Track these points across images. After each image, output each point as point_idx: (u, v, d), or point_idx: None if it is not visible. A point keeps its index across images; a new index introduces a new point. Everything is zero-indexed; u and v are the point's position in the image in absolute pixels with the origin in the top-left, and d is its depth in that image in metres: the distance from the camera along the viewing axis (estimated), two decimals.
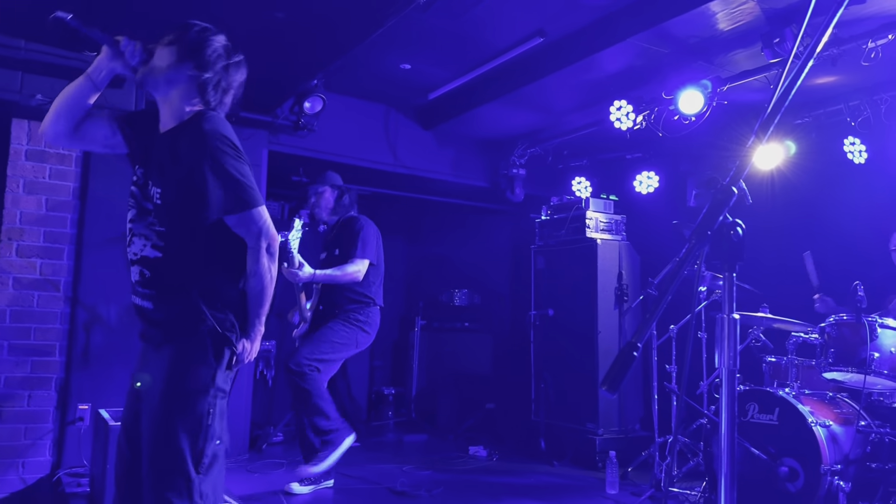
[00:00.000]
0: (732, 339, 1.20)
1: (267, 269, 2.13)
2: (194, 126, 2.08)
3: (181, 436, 2.02)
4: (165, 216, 2.10)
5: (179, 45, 2.13)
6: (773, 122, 1.34)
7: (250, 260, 2.13)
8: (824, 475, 3.39)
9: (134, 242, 2.15)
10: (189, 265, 2.10)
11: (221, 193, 2.04)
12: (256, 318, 2.16)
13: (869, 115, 4.53)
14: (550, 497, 4.35)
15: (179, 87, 2.15)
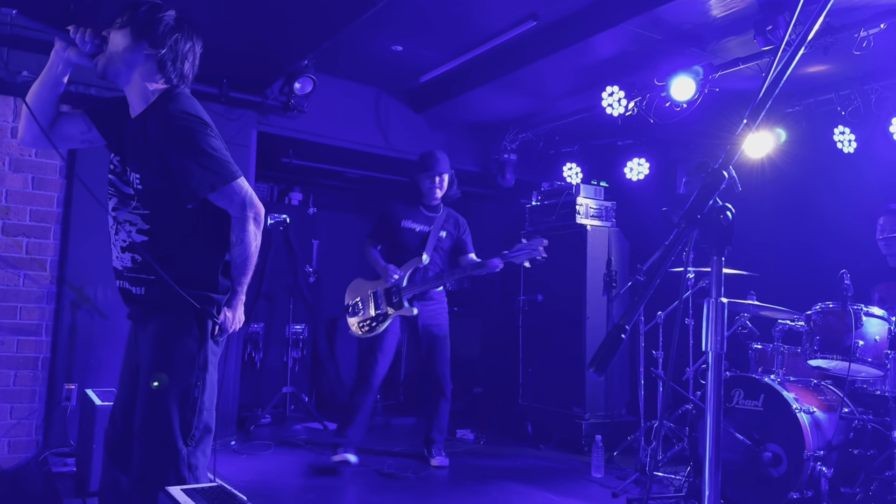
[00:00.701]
0: (720, 322, 1.20)
1: (252, 238, 2.15)
2: (161, 107, 2.09)
3: (170, 408, 2.05)
4: (147, 200, 2.12)
5: (132, 26, 2.11)
6: (764, 109, 1.34)
7: (236, 229, 2.14)
8: (807, 461, 3.44)
9: (120, 231, 2.17)
10: (174, 244, 2.12)
11: (199, 172, 2.05)
12: (239, 285, 2.18)
13: (859, 105, 4.54)
14: (536, 480, 4.38)
15: (139, 68, 2.14)
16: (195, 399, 2.10)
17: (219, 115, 5.24)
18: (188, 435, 2.08)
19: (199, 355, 2.12)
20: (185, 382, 2.09)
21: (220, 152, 2.11)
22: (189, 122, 2.07)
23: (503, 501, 3.90)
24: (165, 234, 2.12)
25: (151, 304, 2.16)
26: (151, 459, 2.05)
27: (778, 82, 1.36)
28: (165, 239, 2.12)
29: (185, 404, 2.08)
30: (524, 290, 5.96)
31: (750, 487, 3.62)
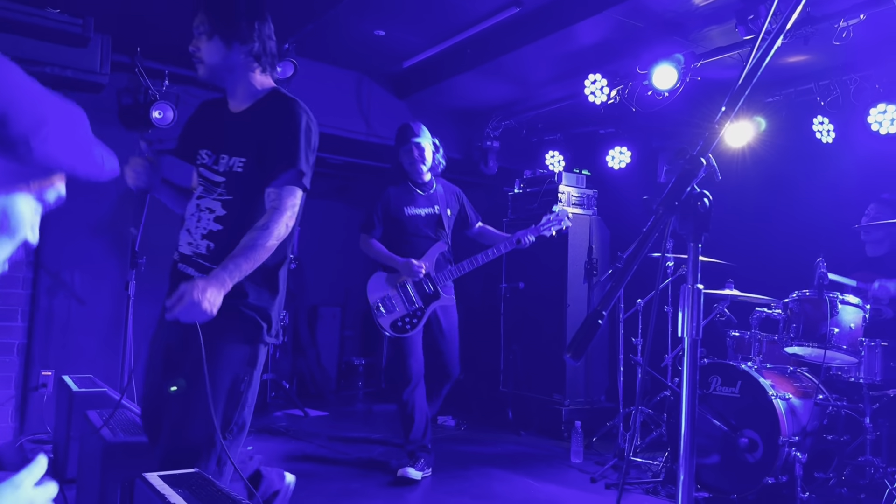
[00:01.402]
0: (696, 308, 1.21)
1: (275, 233, 2.09)
2: (286, 106, 2.17)
3: (216, 399, 2.01)
4: (239, 184, 2.17)
5: (219, 33, 2.19)
6: (742, 97, 1.35)
7: (268, 215, 2.11)
8: (782, 446, 3.49)
9: (201, 217, 2.21)
10: (244, 233, 2.11)
11: (291, 157, 2.11)
12: (236, 265, 2.01)
13: (838, 95, 4.58)
14: (516, 465, 4.41)
15: (239, 67, 2.22)
16: (240, 394, 2.09)
17: (198, 98, 5.17)
18: (227, 428, 2.07)
19: (250, 351, 2.12)
20: (234, 376, 2.08)
21: (311, 164, 2.19)
22: (311, 130, 2.18)
23: (483, 487, 3.92)
24: (238, 226, 2.13)
25: None
26: (185, 447, 2.02)
27: (756, 71, 1.37)
28: (235, 230, 2.12)
29: (230, 398, 2.07)
30: (506, 278, 5.97)
31: (726, 473, 3.68)
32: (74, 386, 3.51)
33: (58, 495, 1.11)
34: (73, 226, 4.65)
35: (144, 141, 2.31)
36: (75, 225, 4.66)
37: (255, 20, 2.21)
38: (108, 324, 4.70)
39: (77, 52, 4.44)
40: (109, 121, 4.86)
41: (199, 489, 1.83)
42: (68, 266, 4.64)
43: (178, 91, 5.06)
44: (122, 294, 4.41)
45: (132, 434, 2.42)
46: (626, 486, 3.92)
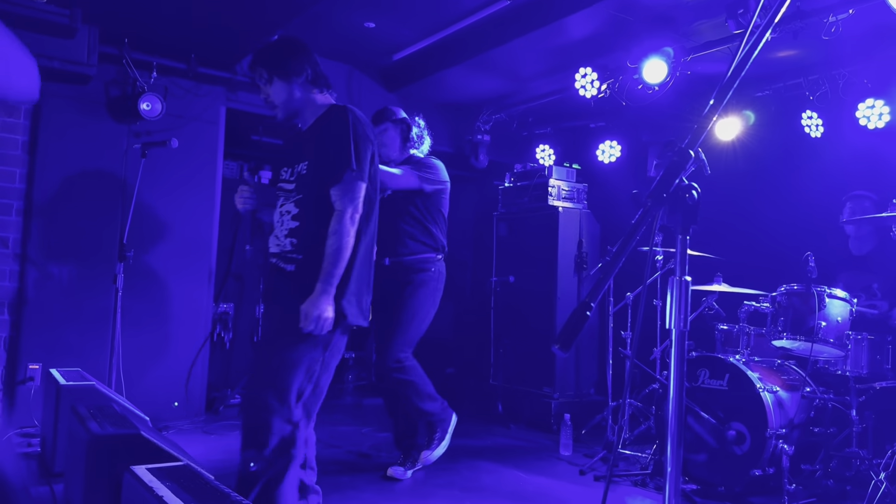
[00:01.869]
0: (684, 300, 1.21)
1: (346, 233, 2.44)
2: (339, 114, 2.55)
3: (295, 372, 2.41)
4: (304, 185, 2.54)
5: (278, 75, 2.61)
6: (731, 90, 1.35)
7: (334, 221, 2.46)
8: (770, 439, 3.52)
9: (283, 221, 2.59)
10: (317, 225, 2.48)
11: (346, 158, 2.47)
12: (326, 277, 2.41)
13: (827, 90, 4.60)
14: (506, 458, 4.42)
15: (301, 94, 2.64)
16: (314, 372, 2.46)
17: (186, 90, 5.14)
18: (300, 397, 2.44)
19: (327, 336, 2.44)
20: (312, 356, 2.45)
21: (366, 158, 2.52)
22: (357, 127, 2.52)
23: (473, 479, 3.93)
24: (311, 219, 2.50)
25: (298, 280, 2.48)
26: (264, 407, 2.39)
27: (745, 65, 1.37)
28: (311, 224, 2.50)
29: (308, 374, 2.44)
30: (496, 272, 5.98)
31: (714, 465, 3.70)
32: (62, 379, 3.49)
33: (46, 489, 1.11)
34: (61, 218, 4.62)
35: (249, 173, 2.74)
36: (63, 217, 4.63)
37: (300, 54, 2.64)
38: (97, 317, 4.67)
39: (64, 42, 4.41)
40: (97, 112, 4.82)
41: (187, 482, 1.82)
42: (55, 259, 4.60)
43: (166, 83, 5.02)
44: (109, 287, 4.39)
45: (120, 427, 2.40)
46: (614, 478, 3.94)
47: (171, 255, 5.04)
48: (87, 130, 4.77)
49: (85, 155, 4.75)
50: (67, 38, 4.39)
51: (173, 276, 5.05)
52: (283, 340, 2.44)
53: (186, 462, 2.08)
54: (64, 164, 4.68)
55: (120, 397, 3.68)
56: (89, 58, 4.50)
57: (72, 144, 4.71)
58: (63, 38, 4.37)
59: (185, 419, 4.99)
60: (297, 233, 2.52)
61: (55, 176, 4.64)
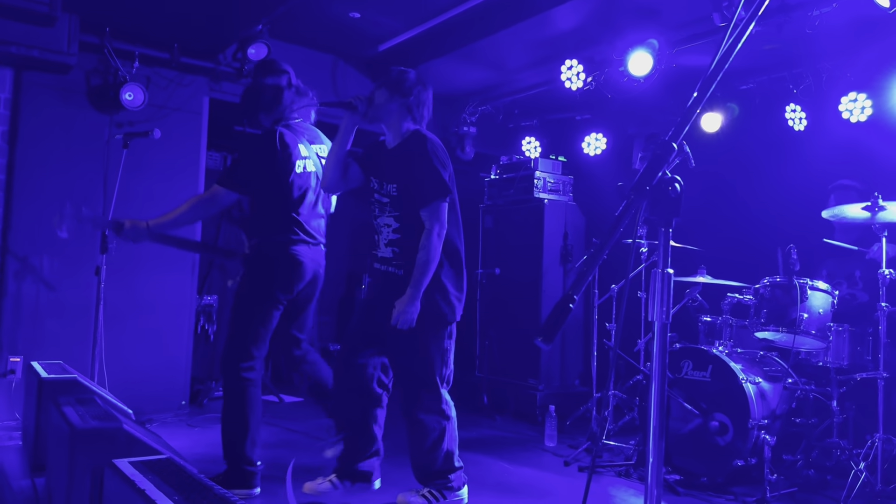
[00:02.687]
0: (666, 293, 1.22)
1: (434, 247, 2.92)
2: (419, 142, 3.01)
3: (434, 360, 3.02)
4: (398, 204, 3.01)
5: (388, 86, 3.04)
6: (715, 82, 1.35)
7: (424, 237, 2.93)
8: (752, 429, 3.55)
9: (382, 231, 3.09)
10: (415, 239, 2.95)
11: (433, 185, 2.94)
12: (414, 283, 2.90)
13: (811, 84, 4.63)
14: (491, 449, 4.44)
15: (395, 113, 3.05)
16: (445, 354, 3.05)
17: (169, 80, 5.09)
18: (444, 379, 3.06)
19: (448, 325, 3.06)
20: (441, 344, 3.03)
21: (448, 180, 2.97)
22: (437, 153, 2.99)
23: None
24: (409, 231, 2.98)
25: (407, 282, 2.95)
26: (420, 396, 3.02)
27: (728, 57, 1.37)
28: (409, 235, 2.98)
29: (442, 358, 3.03)
30: (482, 264, 5.99)
31: (697, 456, 3.74)
32: (44, 372, 3.45)
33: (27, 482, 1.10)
34: (42, 209, 4.56)
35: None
36: (44, 209, 4.57)
37: (417, 86, 3.10)
38: (79, 309, 4.62)
39: (44, 31, 4.34)
40: (78, 102, 4.76)
41: (170, 475, 1.81)
42: (37, 250, 4.55)
43: (148, 73, 4.97)
44: (92, 279, 4.35)
45: (102, 420, 2.39)
46: (598, 468, 3.97)
47: (154, 246, 4.96)
48: (68, 120, 4.71)
49: (66, 145, 4.69)
50: (47, 27, 4.32)
51: (157, 268, 5.01)
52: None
53: (169, 455, 2.07)
54: (45, 154, 4.62)
55: (102, 390, 3.65)
56: (70, 47, 4.44)
57: (53, 135, 4.65)
58: (43, 26, 4.30)
59: (168, 412, 4.96)
60: (398, 243, 3.03)
61: (36, 166, 4.58)
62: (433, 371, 3.00)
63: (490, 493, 3.52)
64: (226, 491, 1.65)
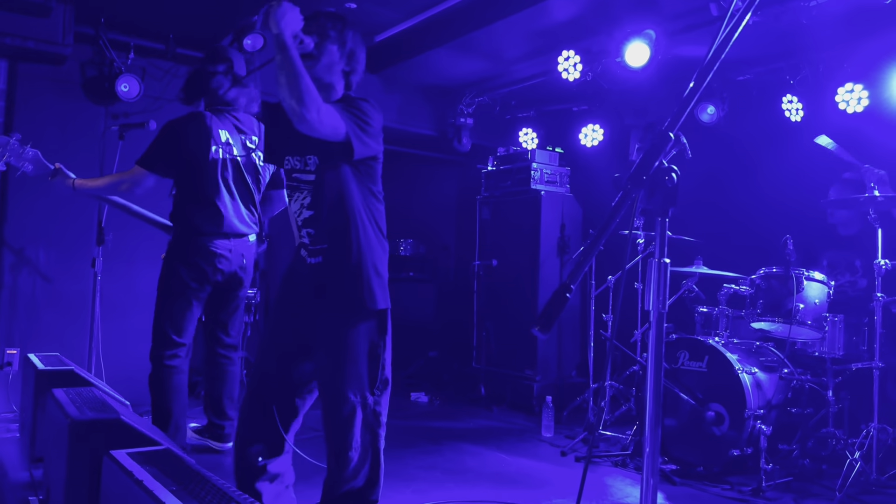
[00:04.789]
0: (663, 282, 1.22)
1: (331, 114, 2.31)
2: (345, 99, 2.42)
3: (360, 363, 2.37)
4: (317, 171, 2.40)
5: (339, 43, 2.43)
6: (711, 72, 1.35)
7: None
8: (748, 419, 3.57)
9: (296, 213, 2.46)
10: (334, 211, 2.37)
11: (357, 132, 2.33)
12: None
13: (807, 75, 4.63)
14: (488, 440, 4.46)
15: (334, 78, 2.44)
16: (378, 356, 2.41)
17: (165, 71, 5.07)
18: (374, 386, 2.40)
19: (382, 320, 2.42)
20: (373, 342, 2.39)
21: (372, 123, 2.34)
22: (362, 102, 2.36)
23: (455, 461, 3.96)
24: (326, 201, 2.37)
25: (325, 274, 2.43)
26: (344, 407, 2.34)
27: (725, 47, 1.37)
28: (328, 206, 2.38)
29: (371, 360, 2.39)
30: (479, 255, 5.99)
31: (693, 446, 3.75)
32: (40, 364, 3.44)
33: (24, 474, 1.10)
34: (38, 201, 4.55)
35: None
36: (40, 200, 4.56)
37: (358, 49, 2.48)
38: (75, 301, 4.62)
39: (39, 21, 4.31)
40: (73, 94, 4.73)
41: (168, 466, 1.81)
42: (32, 242, 4.54)
43: (143, 64, 4.94)
44: (88, 271, 4.34)
45: (100, 411, 2.39)
46: (595, 458, 3.99)
47: (151, 238, 4.97)
48: (63, 112, 4.69)
49: (61, 137, 4.67)
50: (42, 17, 4.29)
51: (153, 260, 4.97)
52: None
53: (167, 446, 2.07)
54: (40, 146, 4.57)
55: (100, 382, 3.64)
56: (64, 38, 4.41)
57: (48, 126, 4.63)
58: (37, 16, 4.27)
59: None
60: (312, 222, 2.42)
61: None
62: (359, 374, 2.39)
63: (487, 484, 3.54)
64: (222, 481, 1.65)
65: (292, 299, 2.53)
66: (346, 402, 2.36)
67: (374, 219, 2.44)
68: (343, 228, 2.38)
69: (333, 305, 2.40)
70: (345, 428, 2.37)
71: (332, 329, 2.40)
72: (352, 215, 2.38)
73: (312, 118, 2.13)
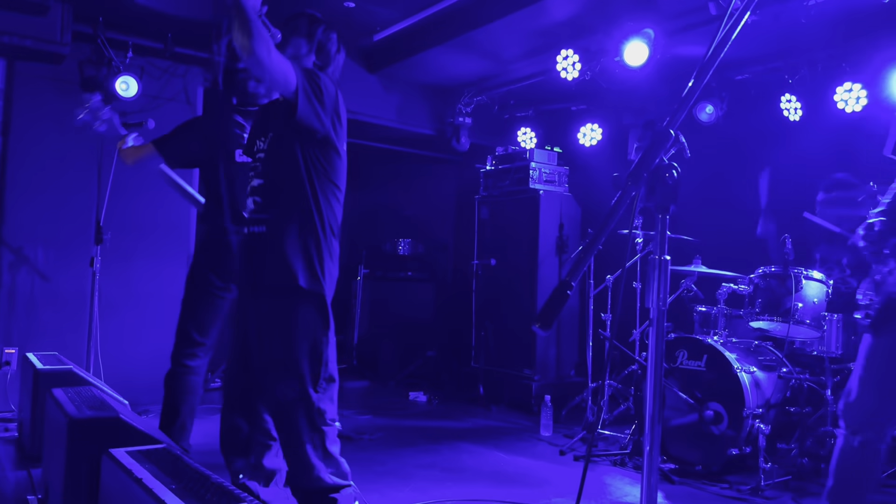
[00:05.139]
0: (664, 280, 1.22)
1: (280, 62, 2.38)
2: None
3: (301, 360, 2.35)
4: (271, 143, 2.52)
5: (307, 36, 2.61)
6: (710, 71, 1.35)
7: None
8: (747, 418, 3.57)
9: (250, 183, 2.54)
10: (283, 181, 2.44)
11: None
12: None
13: (806, 74, 4.63)
14: (487, 439, 4.46)
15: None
16: (321, 353, 2.37)
17: (163, 70, 5.06)
18: (317, 383, 2.36)
19: (321, 308, 2.40)
20: (313, 333, 2.37)
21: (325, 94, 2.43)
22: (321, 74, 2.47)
23: (454, 460, 3.96)
24: (278, 171, 2.46)
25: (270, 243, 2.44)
26: (286, 405, 2.34)
27: (724, 47, 1.37)
28: (278, 176, 2.46)
29: (313, 357, 2.35)
30: (478, 255, 5.99)
31: (692, 444, 3.75)
32: (39, 363, 3.44)
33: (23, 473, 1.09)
34: (37, 200, 4.54)
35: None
36: (38, 200, 4.55)
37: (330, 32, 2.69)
38: (74, 300, 4.61)
39: (37, 20, 4.31)
40: (72, 92, 4.72)
41: (167, 464, 1.81)
42: (31, 241, 4.53)
43: (142, 63, 4.94)
44: (86, 270, 4.33)
45: (98, 410, 2.38)
46: (594, 458, 3.99)
47: (148, 237, 4.98)
48: (61, 111, 4.68)
49: (60, 136, 4.66)
50: (40, 16, 4.29)
51: (151, 259, 4.99)
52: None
53: (166, 445, 2.07)
54: (38, 145, 4.60)
55: (98, 381, 3.64)
56: (63, 36, 4.41)
57: (46, 125, 4.62)
58: (35, 15, 4.27)
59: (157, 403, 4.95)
60: (261, 190, 2.49)
61: (29, 157, 4.56)
62: (297, 362, 2.35)
63: (486, 483, 3.54)
64: (221, 479, 1.65)
65: (242, 280, 2.56)
66: (287, 396, 2.34)
67: (322, 209, 2.46)
68: (288, 203, 2.41)
69: (269, 283, 2.39)
70: (289, 425, 2.35)
71: (268, 311, 2.39)
72: (299, 193, 2.41)
73: (262, 53, 2.20)
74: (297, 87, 2.30)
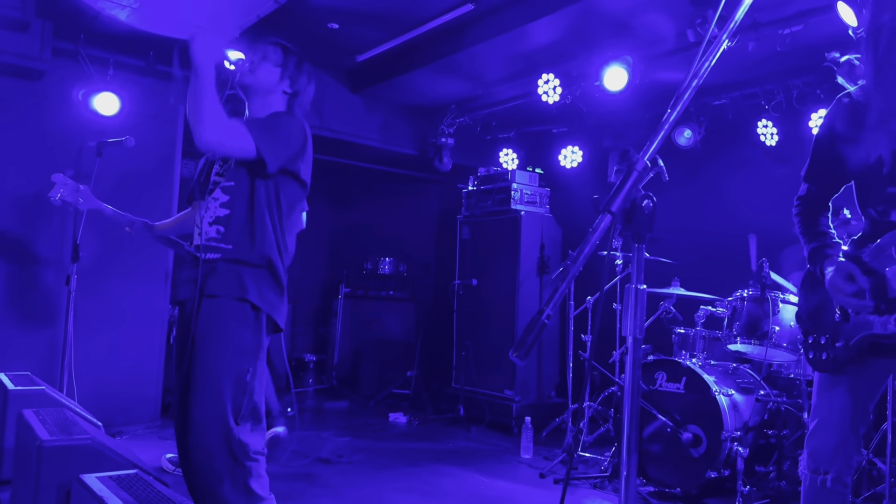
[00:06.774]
0: (640, 308, 1.23)
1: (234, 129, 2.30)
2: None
3: (223, 388, 2.17)
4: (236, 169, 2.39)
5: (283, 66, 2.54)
6: (688, 97, 1.37)
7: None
8: (725, 441, 3.58)
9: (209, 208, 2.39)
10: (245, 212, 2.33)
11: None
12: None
13: (782, 100, 4.72)
14: (467, 461, 4.43)
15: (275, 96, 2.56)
16: (247, 382, 2.22)
17: (145, 88, 5.04)
18: (238, 414, 2.19)
19: (253, 343, 2.26)
20: (239, 367, 2.21)
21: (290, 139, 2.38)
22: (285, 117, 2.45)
23: (434, 483, 3.92)
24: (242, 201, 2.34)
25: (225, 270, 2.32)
26: (205, 434, 2.15)
27: (701, 73, 1.39)
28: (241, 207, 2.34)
29: (237, 386, 2.20)
30: (459, 275, 5.99)
31: (671, 467, 3.76)
32: (10, 384, 3.37)
33: None
34: (12, 217, 4.48)
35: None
36: (14, 216, 4.49)
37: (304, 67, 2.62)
38: (48, 319, 4.54)
39: (16, 36, 4.28)
40: (51, 109, 4.69)
41: (138, 491, 1.78)
42: (6, 259, 4.46)
43: (123, 80, 4.91)
44: (62, 288, 4.27)
45: (70, 434, 2.34)
46: (573, 480, 3.97)
47: (126, 256, 4.92)
48: (40, 128, 4.64)
49: (38, 153, 4.61)
50: (20, 32, 4.26)
51: (129, 277, 4.93)
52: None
53: (137, 471, 2.03)
54: (15, 161, 4.54)
55: (71, 402, 3.57)
56: (42, 52, 4.38)
57: (25, 141, 4.57)
58: (15, 31, 4.24)
59: (139, 424, 4.88)
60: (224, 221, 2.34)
61: (6, 174, 4.50)
62: (220, 397, 2.16)
63: None
64: None
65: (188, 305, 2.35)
66: (207, 424, 2.16)
67: (281, 247, 2.37)
68: (249, 238, 2.31)
69: (216, 290, 2.25)
70: (205, 459, 2.15)
71: (206, 314, 2.24)
72: (262, 231, 2.31)
73: (209, 138, 2.20)
74: (257, 148, 2.24)
